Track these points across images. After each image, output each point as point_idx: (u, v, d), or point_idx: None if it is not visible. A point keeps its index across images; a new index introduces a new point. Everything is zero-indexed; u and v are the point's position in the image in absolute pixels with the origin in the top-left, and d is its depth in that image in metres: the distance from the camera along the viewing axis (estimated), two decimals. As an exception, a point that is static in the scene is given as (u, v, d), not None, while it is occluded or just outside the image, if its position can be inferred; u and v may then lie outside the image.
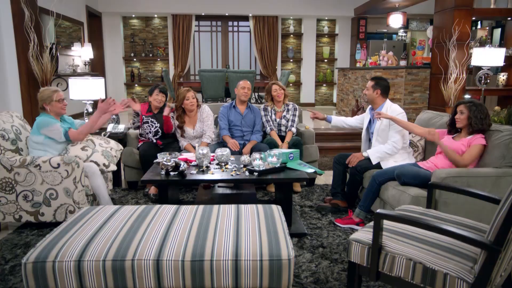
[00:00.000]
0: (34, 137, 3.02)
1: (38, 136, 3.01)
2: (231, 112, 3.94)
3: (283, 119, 4.00)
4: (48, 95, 3.05)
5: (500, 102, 6.23)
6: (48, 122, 3.00)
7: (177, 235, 1.74)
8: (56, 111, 3.09)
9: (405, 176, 2.72)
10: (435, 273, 1.53)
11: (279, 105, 4.05)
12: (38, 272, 1.58)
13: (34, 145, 3.03)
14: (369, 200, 2.94)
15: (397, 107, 3.19)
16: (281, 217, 1.98)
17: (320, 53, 9.95)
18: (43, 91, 3.08)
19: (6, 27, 4.48)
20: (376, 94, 3.24)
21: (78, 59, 7.28)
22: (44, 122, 3.00)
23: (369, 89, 3.28)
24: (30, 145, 3.06)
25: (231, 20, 9.64)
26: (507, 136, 2.59)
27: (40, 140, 3.01)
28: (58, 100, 3.08)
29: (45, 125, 2.99)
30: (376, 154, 3.15)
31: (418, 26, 9.96)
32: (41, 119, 3.02)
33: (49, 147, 3.04)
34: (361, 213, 2.96)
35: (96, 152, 3.15)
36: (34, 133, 3.02)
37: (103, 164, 3.12)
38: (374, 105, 3.30)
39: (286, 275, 1.61)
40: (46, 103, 3.05)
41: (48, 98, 3.05)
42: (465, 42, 5.20)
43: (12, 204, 2.81)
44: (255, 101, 7.99)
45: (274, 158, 2.90)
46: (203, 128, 3.81)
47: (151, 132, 3.79)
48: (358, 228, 2.90)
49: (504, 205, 1.40)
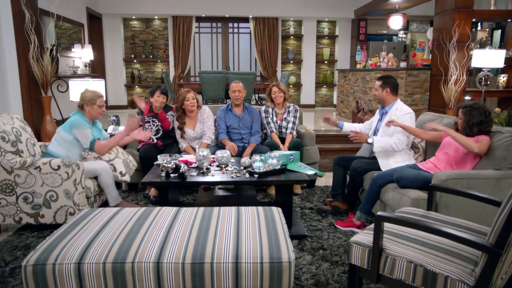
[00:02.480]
0: (63, 133, 3.04)
1: (68, 134, 3.03)
2: (228, 115, 3.87)
3: (284, 121, 3.97)
4: (91, 97, 3.09)
5: (500, 104, 6.23)
6: (82, 124, 3.02)
7: (178, 237, 1.73)
8: (94, 115, 3.14)
9: (404, 179, 2.72)
10: (436, 276, 1.52)
11: (279, 107, 4.02)
12: (38, 274, 1.58)
13: (60, 140, 3.04)
14: (370, 202, 2.93)
15: (406, 108, 3.18)
16: (281, 219, 1.98)
17: (320, 54, 9.95)
18: (88, 92, 3.12)
19: (7, 29, 4.48)
20: (386, 93, 3.23)
21: (78, 61, 7.28)
22: (78, 123, 3.01)
23: (377, 89, 3.26)
24: (55, 137, 3.08)
25: (231, 21, 9.65)
26: (508, 138, 2.58)
27: (68, 138, 3.04)
28: (100, 105, 3.13)
29: (79, 125, 3.01)
30: (381, 144, 3.13)
31: (418, 28, 9.97)
32: (77, 119, 3.03)
33: (73, 148, 3.07)
34: (362, 216, 2.96)
35: (118, 158, 3.21)
36: (66, 130, 3.04)
37: (119, 172, 3.18)
38: (384, 104, 3.29)
39: (287, 277, 1.61)
40: (88, 104, 3.08)
41: (91, 100, 3.08)
42: (465, 44, 5.20)
43: (12, 206, 2.81)
44: (255, 103, 7.98)
45: (274, 160, 2.90)
46: (203, 129, 3.81)
47: (152, 132, 3.81)
48: (359, 230, 2.90)
49: (505, 208, 1.40)
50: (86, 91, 3.14)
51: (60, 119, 5.41)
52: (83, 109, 3.11)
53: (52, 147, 3.09)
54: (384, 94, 3.23)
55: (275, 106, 4.02)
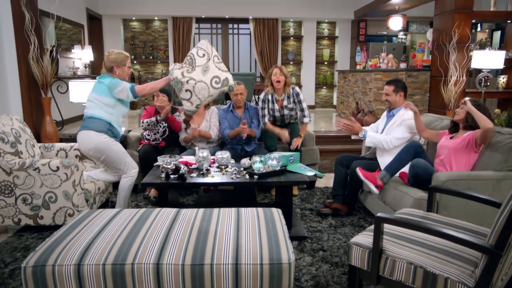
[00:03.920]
0: (105, 99, 2.96)
1: (110, 98, 2.97)
2: (229, 116, 3.83)
3: (285, 109, 3.78)
4: (122, 58, 3.05)
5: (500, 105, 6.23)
6: (118, 82, 2.97)
7: (177, 238, 1.73)
8: (123, 76, 3.08)
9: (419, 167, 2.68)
10: (436, 277, 1.52)
11: (279, 92, 3.73)
12: (38, 276, 1.57)
13: (101, 105, 2.97)
14: (398, 165, 2.85)
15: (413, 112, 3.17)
16: (281, 220, 1.98)
17: (320, 55, 9.96)
18: (118, 53, 3.05)
19: (7, 30, 4.48)
20: (399, 96, 3.22)
21: (78, 62, 7.28)
22: (116, 83, 2.95)
23: (390, 94, 3.23)
24: (94, 104, 2.98)
25: (231, 22, 9.66)
26: (508, 139, 2.58)
27: (111, 102, 2.98)
28: (129, 66, 3.12)
29: (117, 85, 2.96)
30: (371, 139, 3.15)
31: (418, 29, 9.97)
32: (113, 80, 2.97)
33: (118, 108, 3.03)
34: (386, 176, 2.86)
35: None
36: (106, 94, 2.96)
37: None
38: (394, 107, 3.27)
39: (287, 279, 1.61)
40: (119, 66, 3.04)
41: (122, 62, 3.04)
42: (465, 45, 5.21)
43: (11, 207, 2.81)
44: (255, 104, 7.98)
45: (274, 161, 2.90)
46: (208, 127, 3.80)
47: (159, 133, 3.83)
48: (375, 190, 2.85)
49: (505, 209, 1.40)
50: (115, 53, 3.06)
51: (60, 120, 5.40)
52: (112, 72, 3.04)
53: (95, 111, 2.97)
54: (397, 98, 3.22)
55: (275, 92, 3.76)
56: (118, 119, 3.08)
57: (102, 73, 3.08)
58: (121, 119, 3.13)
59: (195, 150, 3.28)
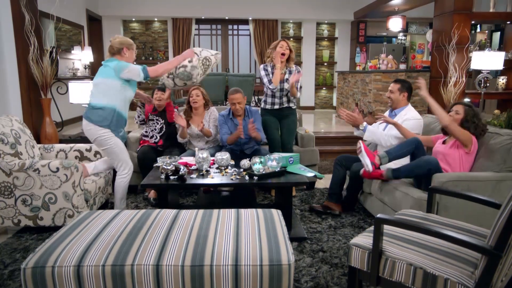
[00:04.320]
0: (110, 81, 2.92)
1: (117, 80, 2.93)
2: (229, 123, 3.68)
3: (286, 82, 3.66)
4: (131, 42, 3.10)
5: (500, 106, 6.24)
6: (126, 64, 2.98)
7: (177, 240, 1.73)
8: (130, 60, 3.10)
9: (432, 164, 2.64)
10: (436, 278, 1.52)
11: (282, 65, 3.62)
12: (38, 277, 1.57)
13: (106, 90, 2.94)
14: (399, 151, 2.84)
15: (415, 114, 3.16)
16: (281, 221, 1.98)
17: (320, 56, 9.97)
18: (120, 37, 3.10)
19: (7, 31, 4.48)
20: (402, 96, 3.22)
21: (78, 63, 7.28)
22: (123, 65, 2.94)
23: (394, 92, 3.23)
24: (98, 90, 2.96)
25: (231, 23, 9.66)
26: (508, 141, 2.59)
27: (118, 85, 2.94)
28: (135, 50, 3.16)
29: (125, 66, 2.95)
30: (371, 134, 3.15)
31: (417, 30, 9.99)
32: (119, 63, 2.95)
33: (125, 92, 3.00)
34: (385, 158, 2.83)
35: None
36: (112, 77, 2.92)
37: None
38: (396, 107, 3.27)
39: (286, 280, 1.61)
40: (128, 48, 3.07)
41: (131, 45, 3.09)
42: (465, 46, 5.21)
43: (10, 209, 2.81)
44: (255, 105, 7.99)
45: (274, 162, 2.90)
46: (208, 127, 3.79)
47: (156, 129, 3.84)
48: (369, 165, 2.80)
49: (504, 210, 1.40)
50: (121, 37, 3.10)
51: (60, 121, 5.40)
52: (120, 54, 3.04)
53: (99, 100, 2.94)
54: (400, 98, 3.22)
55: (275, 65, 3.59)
56: (125, 104, 3.06)
57: (107, 58, 3.08)
58: (127, 104, 3.10)
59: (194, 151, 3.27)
